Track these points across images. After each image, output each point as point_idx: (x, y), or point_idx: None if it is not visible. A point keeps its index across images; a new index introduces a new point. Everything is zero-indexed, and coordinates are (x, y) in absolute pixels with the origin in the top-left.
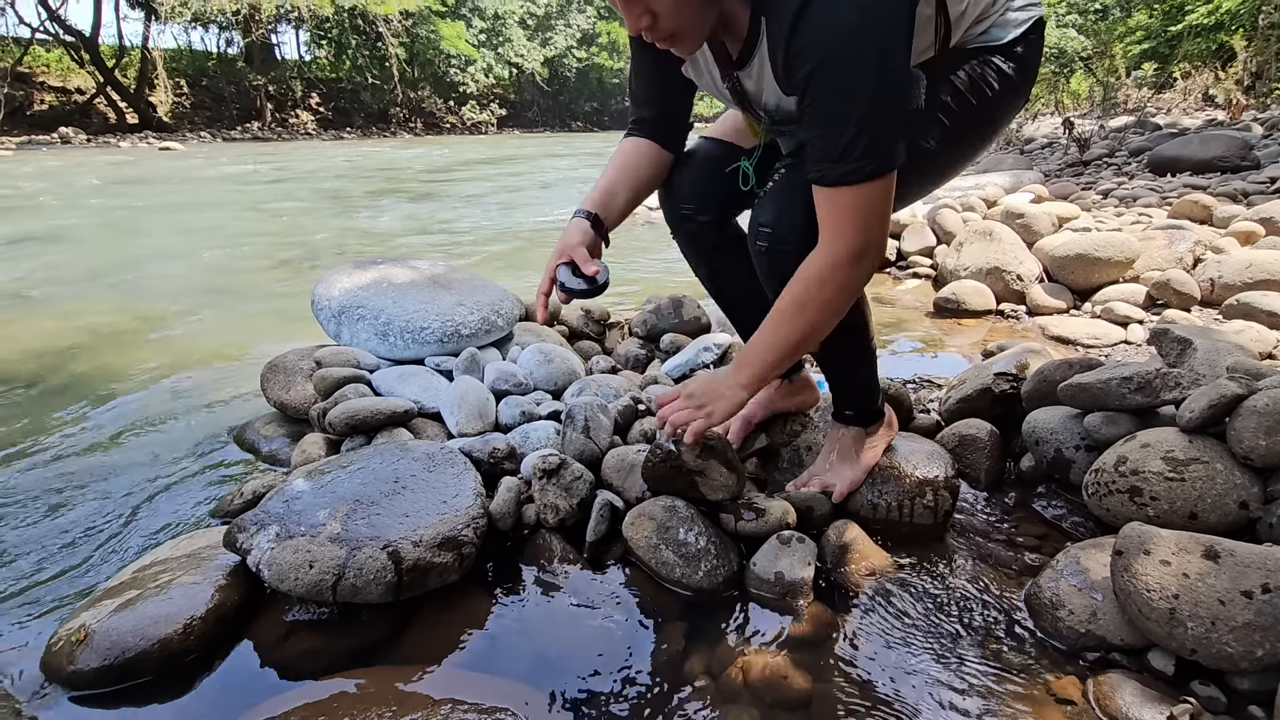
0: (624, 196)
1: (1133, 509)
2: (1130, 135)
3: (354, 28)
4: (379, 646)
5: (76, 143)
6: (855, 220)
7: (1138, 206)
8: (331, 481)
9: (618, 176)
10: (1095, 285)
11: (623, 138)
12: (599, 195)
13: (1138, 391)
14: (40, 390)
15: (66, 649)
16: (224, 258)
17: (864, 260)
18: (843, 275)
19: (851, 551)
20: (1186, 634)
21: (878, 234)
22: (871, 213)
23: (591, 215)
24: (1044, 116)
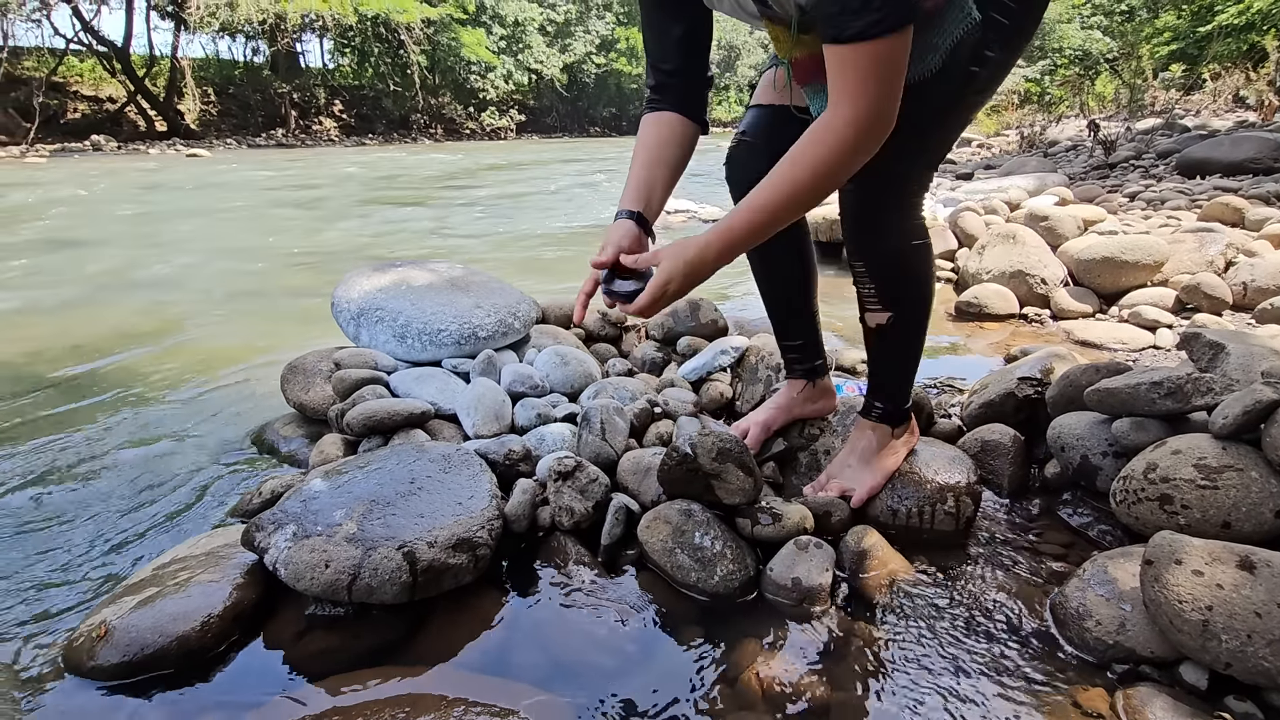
0: (661, 186)
1: (1163, 517)
2: (1158, 137)
3: (377, 36)
4: (393, 646)
5: (107, 150)
6: (875, 79)
7: (1166, 209)
8: (348, 482)
9: (651, 166)
10: (1122, 289)
11: (644, 113)
12: (636, 190)
13: (1168, 397)
14: (64, 390)
15: (87, 644)
16: (247, 261)
17: (875, 127)
18: (849, 136)
19: (870, 558)
20: (1221, 647)
21: (893, 101)
22: (893, 71)
23: (634, 214)
24: (1068, 119)
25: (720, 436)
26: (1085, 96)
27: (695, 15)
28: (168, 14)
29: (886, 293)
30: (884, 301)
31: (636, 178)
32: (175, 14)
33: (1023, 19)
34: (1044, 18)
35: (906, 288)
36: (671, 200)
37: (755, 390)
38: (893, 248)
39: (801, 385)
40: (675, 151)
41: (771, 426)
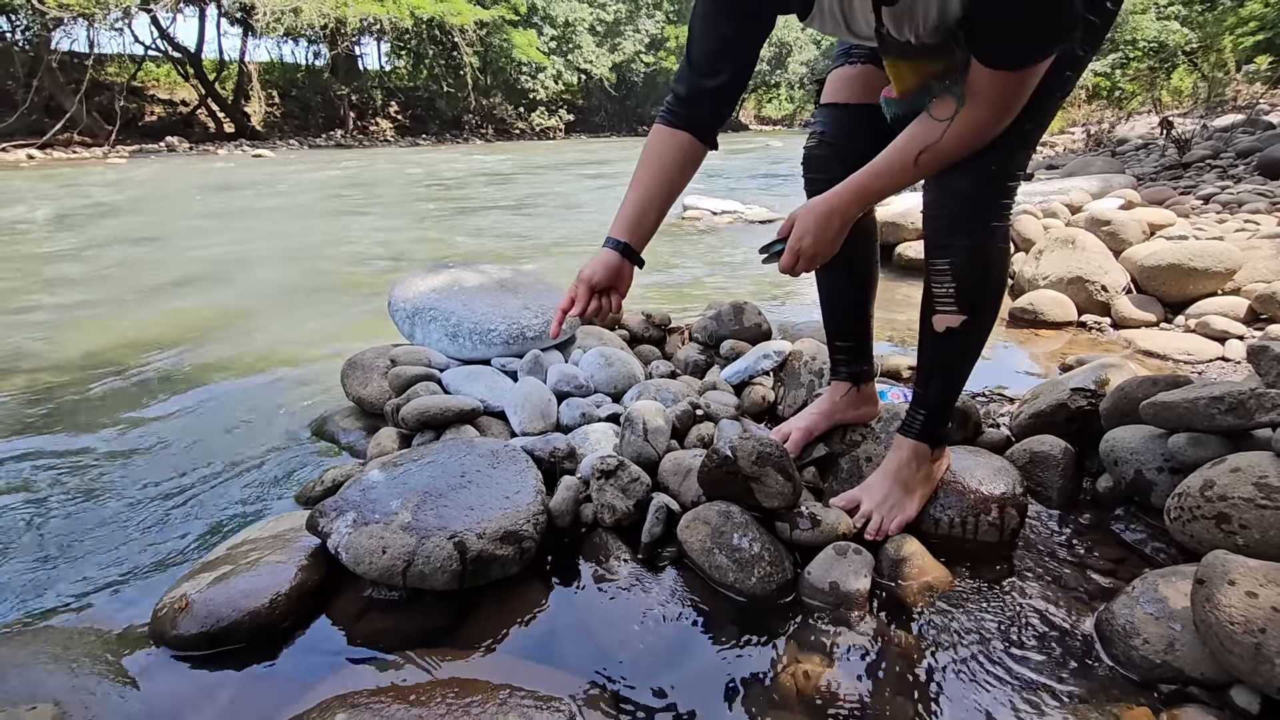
0: (657, 212)
1: (1219, 536)
2: (1238, 135)
3: (431, 38)
4: (443, 630)
5: (180, 151)
6: (1016, 95)
7: (1243, 212)
8: (404, 473)
9: (653, 190)
10: (1190, 298)
11: (662, 124)
12: (630, 218)
13: (1229, 413)
14: (138, 380)
15: (170, 615)
16: (308, 259)
17: (997, 129)
18: (982, 139)
19: (910, 566)
20: (1274, 671)
21: (1019, 108)
22: (1029, 88)
23: (621, 245)
24: (1139, 116)
25: (760, 440)
26: (1159, 91)
27: (766, 32)
28: (237, 20)
29: (967, 294)
30: (961, 303)
31: (634, 203)
32: (244, 20)
33: (1112, 17)
34: None
35: (987, 291)
36: (719, 202)
37: (798, 395)
38: (985, 246)
39: (846, 389)
40: (679, 176)
41: (814, 432)
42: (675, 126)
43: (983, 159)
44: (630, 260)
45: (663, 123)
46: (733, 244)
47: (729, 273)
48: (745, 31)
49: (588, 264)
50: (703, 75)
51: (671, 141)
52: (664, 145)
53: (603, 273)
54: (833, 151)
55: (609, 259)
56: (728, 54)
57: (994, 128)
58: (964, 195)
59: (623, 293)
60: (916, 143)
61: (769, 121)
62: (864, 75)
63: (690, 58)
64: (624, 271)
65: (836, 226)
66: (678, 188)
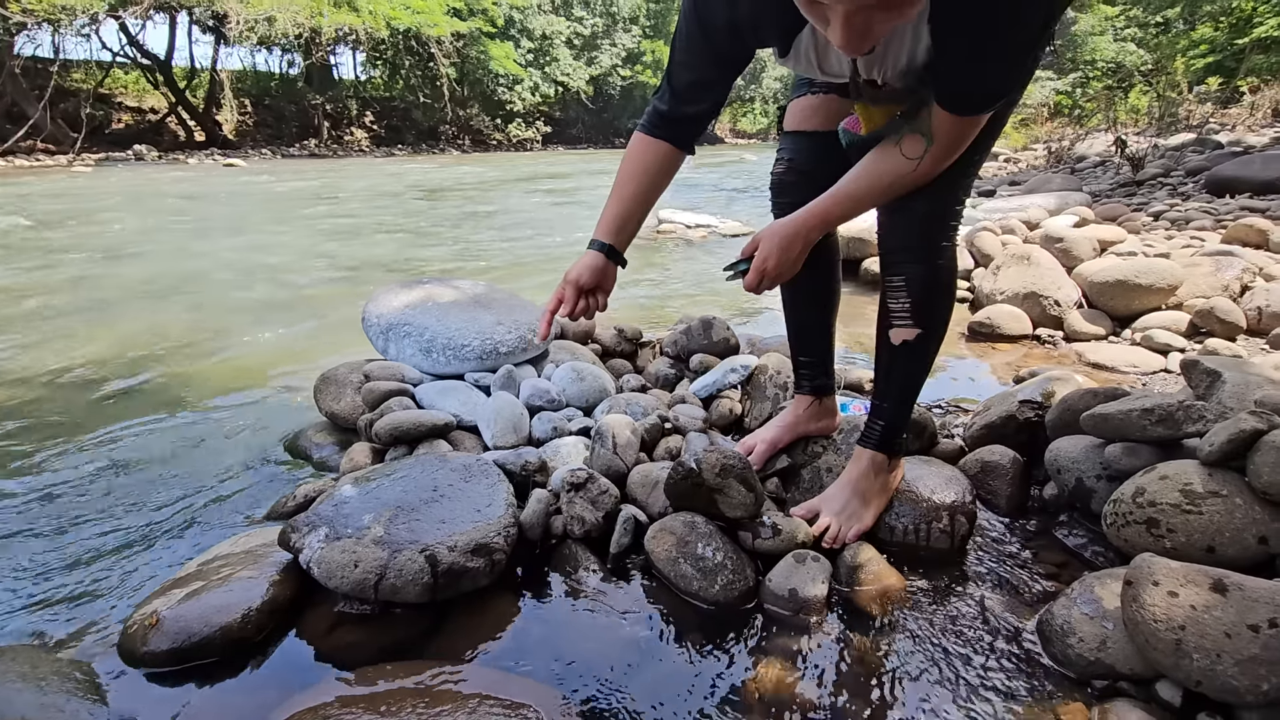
0: (638, 216)
1: (1150, 540)
2: (1188, 154)
3: (408, 49)
4: (414, 643)
5: (149, 159)
6: (968, 135)
7: (1190, 229)
8: (376, 488)
9: (635, 195)
10: (1136, 312)
11: (643, 133)
12: (614, 221)
13: (1159, 424)
14: (105, 396)
15: (140, 632)
16: (281, 272)
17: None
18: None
19: (866, 572)
20: (1192, 665)
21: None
22: (978, 127)
23: (606, 246)
24: (1098, 134)
25: (724, 453)
26: (1115, 110)
27: (746, 65)
28: (209, 28)
29: (922, 308)
30: (916, 317)
31: (617, 207)
32: (216, 28)
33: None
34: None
35: (940, 305)
36: (693, 215)
37: (763, 408)
38: (937, 264)
39: (808, 402)
40: (660, 182)
41: (778, 444)
42: (656, 136)
43: (935, 185)
44: (614, 261)
45: (644, 132)
46: (706, 258)
47: (700, 287)
48: (726, 71)
49: (573, 266)
50: (684, 102)
51: (653, 150)
52: (645, 153)
53: (588, 274)
54: (799, 177)
55: (594, 260)
56: (708, 87)
57: (946, 161)
58: (918, 218)
59: (607, 291)
60: (879, 173)
61: (743, 135)
62: (826, 104)
63: (672, 83)
64: (608, 272)
65: (799, 248)
66: (657, 192)
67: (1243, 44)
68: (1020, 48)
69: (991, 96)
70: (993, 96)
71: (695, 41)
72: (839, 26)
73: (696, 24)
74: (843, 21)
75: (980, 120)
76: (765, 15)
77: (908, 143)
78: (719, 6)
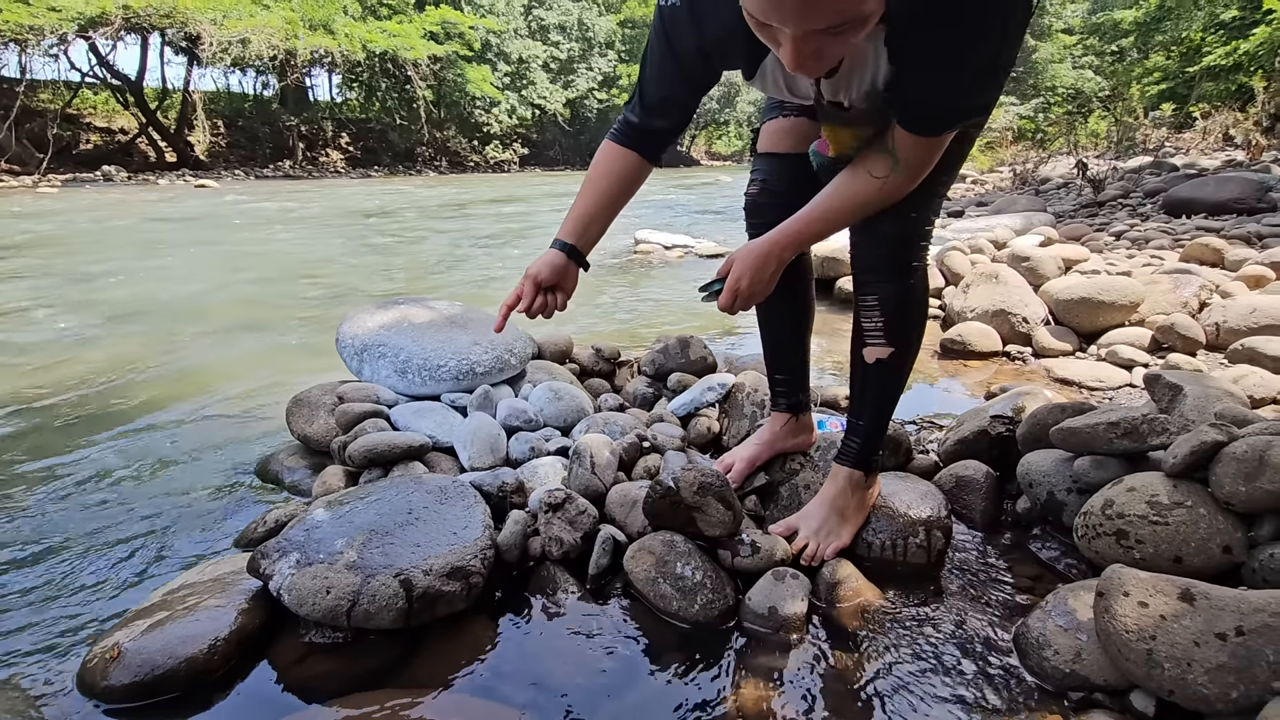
0: (602, 221)
1: (1120, 551)
2: (1146, 176)
3: (384, 71)
4: (389, 670)
5: (118, 180)
6: (933, 156)
7: (1150, 249)
8: (349, 512)
9: (600, 200)
10: (1100, 328)
11: (613, 141)
12: (578, 222)
13: (1125, 437)
14: (74, 420)
15: (100, 666)
16: (253, 293)
17: (916, 182)
18: (898, 186)
19: (845, 588)
20: (1164, 675)
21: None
22: (942, 148)
23: (568, 246)
24: (1060, 157)
25: (702, 471)
26: (1076, 134)
27: (714, 83)
28: (182, 50)
29: (895, 327)
30: (889, 336)
31: (582, 209)
32: (189, 50)
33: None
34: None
35: (912, 323)
36: (670, 236)
37: (741, 425)
38: (908, 284)
39: (784, 420)
40: (627, 189)
41: (756, 461)
42: (625, 146)
43: (904, 206)
44: (575, 261)
45: (613, 140)
46: (683, 278)
47: (678, 306)
48: (693, 89)
49: (534, 262)
50: (654, 115)
51: (621, 158)
52: (613, 161)
53: (548, 271)
54: (772, 198)
55: (555, 259)
56: (676, 103)
57: (914, 182)
58: (889, 239)
59: (568, 292)
60: (848, 194)
61: (719, 157)
62: (797, 127)
63: (643, 96)
64: (569, 271)
65: (772, 268)
66: (623, 200)
67: (1193, 72)
68: (976, 73)
69: (950, 119)
70: (952, 119)
71: (665, 60)
72: (789, 49)
73: (665, 44)
74: (792, 45)
75: (944, 141)
76: (731, 40)
77: (874, 163)
78: (686, 29)
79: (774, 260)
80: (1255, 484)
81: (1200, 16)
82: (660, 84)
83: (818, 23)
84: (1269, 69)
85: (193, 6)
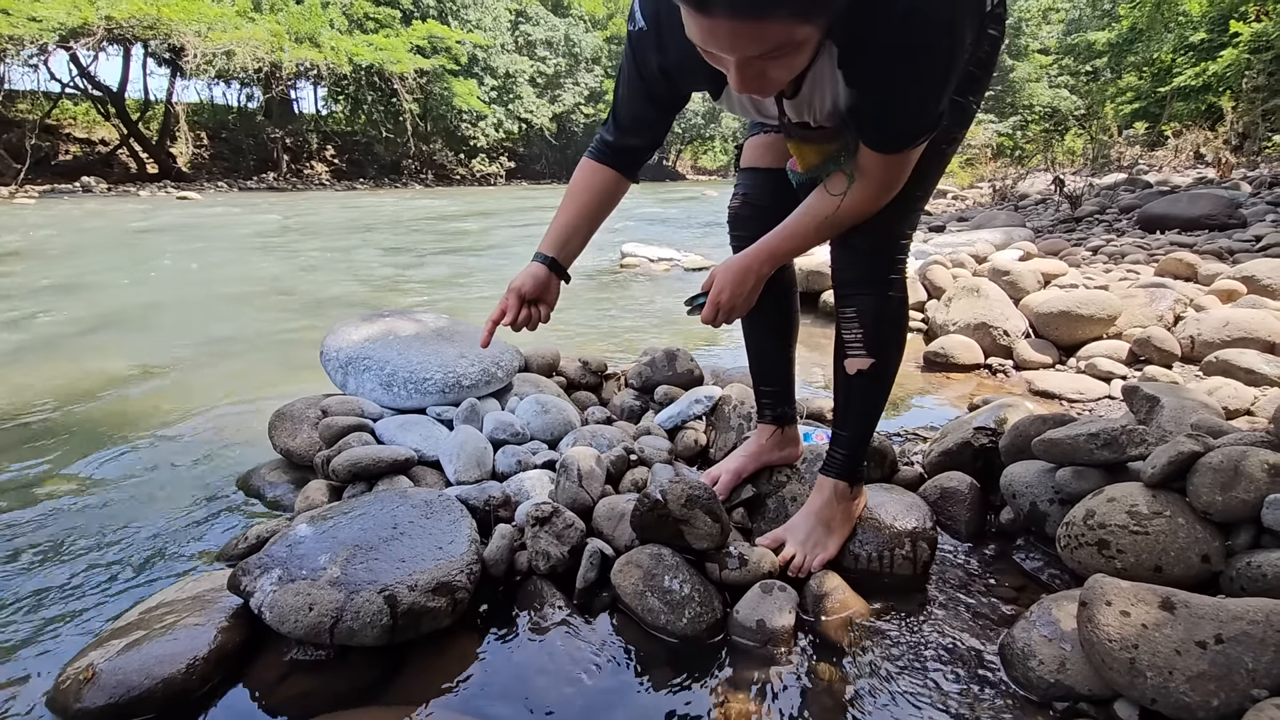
0: (583, 235)
1: (1101, 561)
2: (1121, 192)
3: (370, 84)
4: (373, 688)
5: (97, 191)
6: (898, 171)
7: (1126, 263)
8: (333, 527)
9: (580, 214)
10: (1079, 341)
11: (591, 159)
12: (558, 235)
13: (1105, 448)
14: (52, 435)
15: (74, 687)
16: (236, 306)
17: (887, 197)
18: (869, 202)
19: (832, 600)
20: (1146, 684)
21: (904, 180)
22: (913, 161)
23: (549, 259)
24: (1037, 174)
25: (690, 484)
26: (1053, 151)
27: (680, 104)
28: (165, 61)
29: (873, 338)
30: (869, 347)
31: (563, 223)
32: (172, 61)
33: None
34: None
35: (890, 335)
36: (656, 249)
37: (728, 438)
38: (885, 297)
39: (770, 431)
40: (606, 204)
41: (742, 473)
42: (603, 163)
43: (879, 222)
44: (556, 274)
45: (592, 158)
46: (669, 291)
47: (664, 319)
48: (662, 110)
49: (517, 276)
50: (628, 134)
51: (599, 175)
52: (591, 177)
53: (530, 283)
54: (754, 211)
55: (537, 271)
56: (649, 122)
57: (883, 198)
58: (865, 253)
59: (550, 304)
60: (815, 212)
61: (704, 172)
62: (779, 143)
63: (616, 116)
64: (551, 284)
65: (751, 283)
66: (602, 215)
67: (1164, 92)
68: (927, 90)
69: (910, 136)
70: (909, 135)
71: (634, 82)
72: (733, 74)
73: (634, 67)
74: (735, 69)
75: (910, 156)
76: (692, 64)
77: (833, 180)
78: (652, 53)
79: (752, 275)
80: (1231, 493)
81: (1170, 39)
82: (631, 104)
83: (750, 50)
84: (1237, 90)
85: (177, 18)
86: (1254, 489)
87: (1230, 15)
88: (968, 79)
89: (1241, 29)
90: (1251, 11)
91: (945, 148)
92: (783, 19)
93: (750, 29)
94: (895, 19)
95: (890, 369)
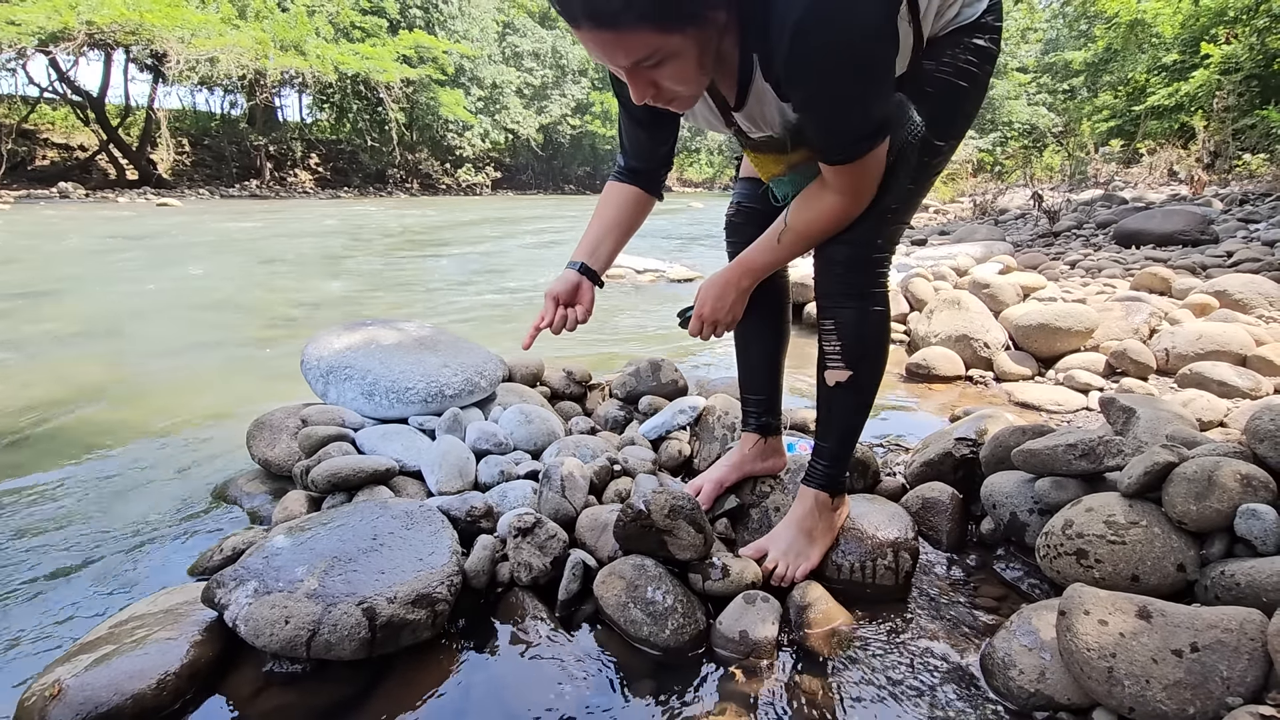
0: (612, 244)
1: (1080, 570)
2: (1098, 208)
3: (356, 93)
4: (350, 703)
5: (75, 198)
6: (860, 180)
7: (1103, 277)
8: (311, 538)
9: (608, 227)
10: (1058, 353)
11: (611, 180)
12: (590, 245)
13: (1082, 458)
14: (25, 444)
15: (39, 704)
16: (215, 314)
17: (857, 208)
18: (838, 214)
19: (815, 611)
20: (1124, 692)
21: (873, 189)
22: (873, 172)
23: (582, 266)
24: (1017, 189)
25: (673, 494)
26: (1032, 167)
27: (672, 131)
28: (147, 67)
29: (852, 351)
30: (847, 359)
31: (593, 234)
32: (155, 67)
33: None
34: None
35: (869, 348)
36: (642, 260)
37: (712, 448)
38: (864, 310)
39: (754, 441)
40: (632, 217)
41: (725, 484)
42: (624, 182)
43: (857, 235)
44: (589, 279)
45: (615, 180)
46: (654, 302)
47: (649, 330)
48: (656, 133)
49: (553, 283)
50: (635, 159)
51: (622, 192)
52: (615, 193)
53: (563, 288)
54: (749, 218)
55: (570, 277)
56: (650, 145)
57: (852, 210)
58: (844, 266)
59: (586, 306)
60: (794, 223)
61: (691, 184)
62: None
63: (623, 145)
64: (583, 288)
65: (732, 297)
66: (632, 226)
67: (1139, 111)
68: (849, 98)
69: (851, 144)
70: (853, 143)
71: (621, 110)
72: (629, 84)
73: (615, 89)
74: (627, 79)
75: (868, 165)
76: None
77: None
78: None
79: (731, 289)
80: (1205, 503)
81: (1144, 60)
82: (626, 132)
83: (622, 60)
84: (1208, 109)
85: (160, 24)
86: (1227, 499)
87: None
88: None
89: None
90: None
91: (929, 159)
92: (638, 29)
93: (613, 39)
94: (789, 32)
95: (869, 382)
